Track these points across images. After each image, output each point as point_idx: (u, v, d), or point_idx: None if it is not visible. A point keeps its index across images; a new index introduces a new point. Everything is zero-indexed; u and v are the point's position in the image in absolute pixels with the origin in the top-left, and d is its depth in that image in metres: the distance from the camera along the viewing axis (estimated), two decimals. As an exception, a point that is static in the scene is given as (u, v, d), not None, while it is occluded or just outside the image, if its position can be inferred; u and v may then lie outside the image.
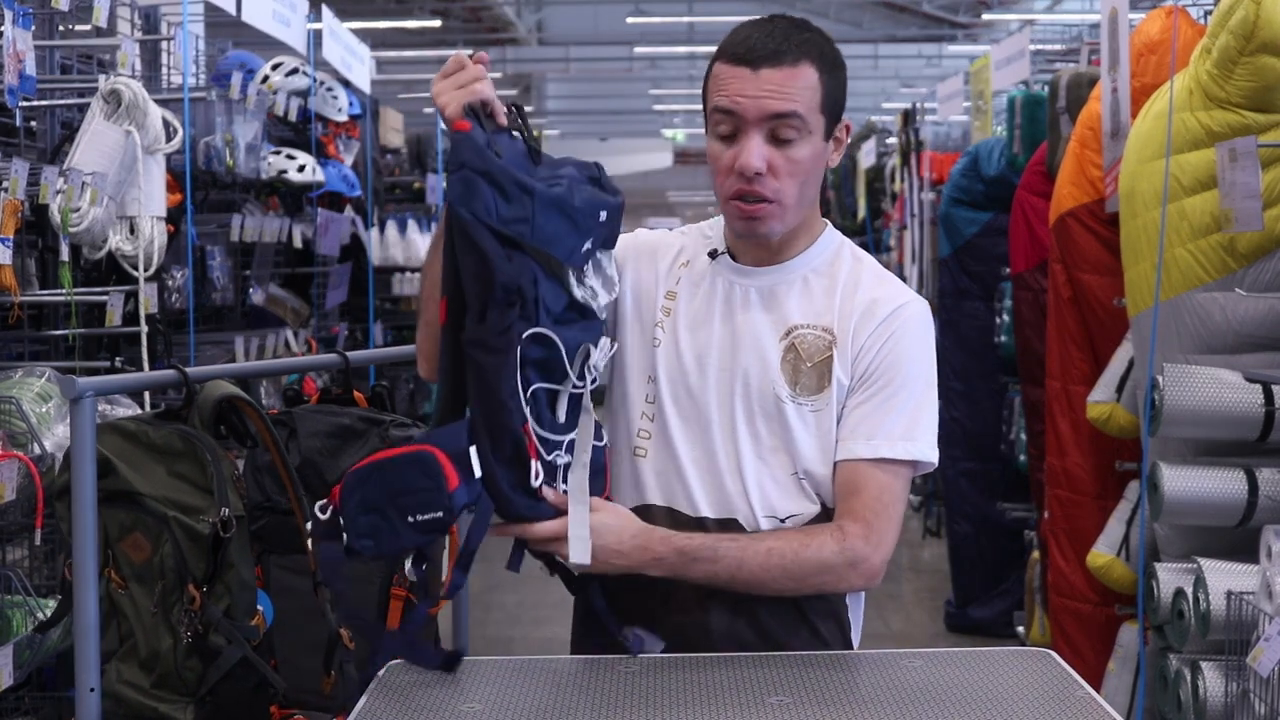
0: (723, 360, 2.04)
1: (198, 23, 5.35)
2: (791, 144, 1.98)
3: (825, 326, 2.02)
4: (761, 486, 2.01)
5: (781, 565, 1.94)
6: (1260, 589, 2.89)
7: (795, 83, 1.97)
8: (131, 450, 2.25)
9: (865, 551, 1.95)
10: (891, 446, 1.98)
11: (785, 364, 2.01)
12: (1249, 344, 3.33)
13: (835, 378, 2.00)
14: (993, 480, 5.98)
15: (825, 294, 2.04)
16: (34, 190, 3.30)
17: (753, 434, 2.01)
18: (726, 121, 1.99)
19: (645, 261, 2.13)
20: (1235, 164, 3.03)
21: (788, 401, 2.00)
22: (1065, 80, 4.64)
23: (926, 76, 20.57)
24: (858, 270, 2.07)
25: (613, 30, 20.50)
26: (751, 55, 1.98)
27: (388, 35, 18.86)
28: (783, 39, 1.99)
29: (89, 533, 2.13)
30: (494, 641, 5.93)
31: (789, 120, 1.97)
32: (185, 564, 2.19)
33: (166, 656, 2.20)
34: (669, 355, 2.06)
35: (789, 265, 2.07)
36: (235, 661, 2.19)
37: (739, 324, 2.05)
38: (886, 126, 10.85)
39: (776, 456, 2.01)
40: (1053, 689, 1.81)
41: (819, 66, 1.99)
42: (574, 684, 1.84)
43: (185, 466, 2.23)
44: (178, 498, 2.21)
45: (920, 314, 2.05)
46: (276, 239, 5.13)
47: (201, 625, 2.18)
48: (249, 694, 2.22)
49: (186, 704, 2.20)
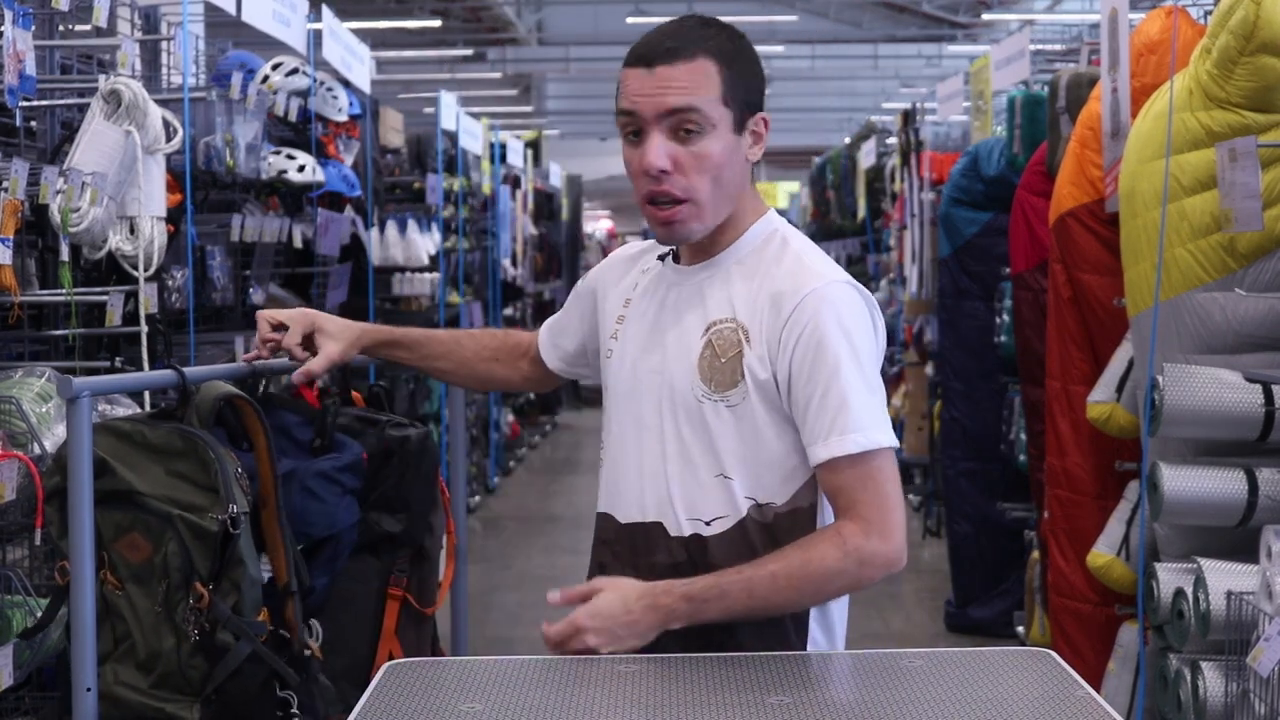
0: (653, 363, 2.05)
1: (198, 23, 5.35)
2: (695, 138, 1.96)
3: (736, 319, 2.00)
4: (685, 488, 2.01)
5: (791, 585, 1.93)
6: (1260, 589, 2.89)
7: (691, 77, 1.96)
8: (127, 450, 2.25)
9: (871, 546, 1.94)
10: (843, 442, 1.94)
11: (702, 361, 2.01)
12: (1249, 344, 3.33)
13: (748, 371, 1.97)
14: (993, 480, 5.98)
15: (743, 285, 2.02)
16: (34, 190, 3.30)
17: (677, 436, 2.01)
18: (630, 123, 1.99)
19: (609, 280, 2.20)
20: (1235, 164, 3.03)
21: (704, 400, 1.99)
22: (1065, 80, 4.64)
23: (926, 76, 20.56)
24: (778, 257, 2.03)
25: (613, 30, 20.47)
26: (649, 55, 1.98)
27: (388, 35, 18.86)
28: (681, 37, 1.99)
29: (85, 534, 2.13)
30: (494, 641, 5.93)
31: (687, 115, 1.96)
32: (191, 562, 2.19)
33: (169, 656, 2.19)
34: (616, 365, 2.11)
35: (718, 260, 2.06)
36: (244, 658, 2.19)
37: (668, 326, 2.05)
38: (886, 126, 10.86)
39: (700, 458, 2.00)
40: (1053, 689, 1.81)
41: (718, 60, 1.98)
42: (574, 684, 1.84)
43: (185, 465, 2.22)
44: (180, 496, 2.20)
45: (827, 296, 1.97)
46: (276, 239, 5.13)
47: (209, 623, 2.17)
48: (256, 690, 2.21)
49: (192, 703, 2.19)
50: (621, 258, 2.24)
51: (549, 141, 20.13)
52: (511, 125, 17.27)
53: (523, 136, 13.66)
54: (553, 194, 15.56)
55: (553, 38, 22.54)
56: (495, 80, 22.88)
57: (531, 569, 7.43)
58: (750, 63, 2.03)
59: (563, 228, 16.38)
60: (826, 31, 21.56)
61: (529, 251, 12.79)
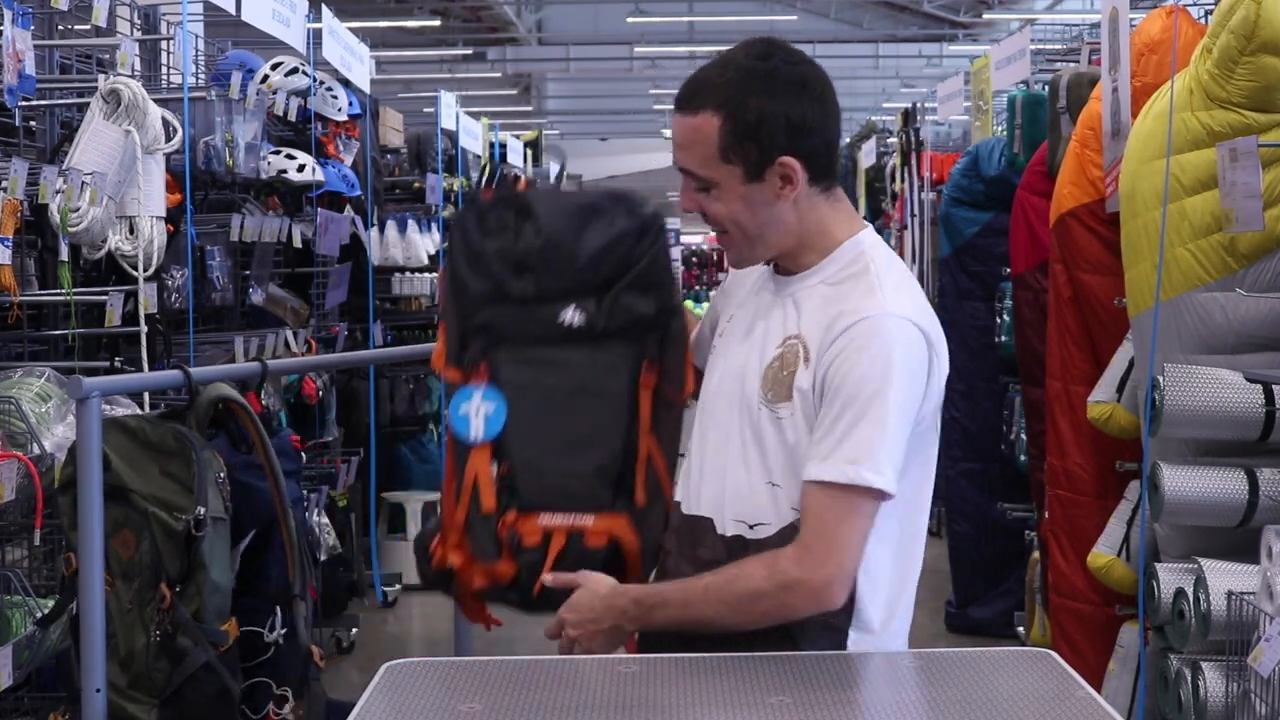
0: (735, 365, 2.07)
1: (197, 22, 5.35)
2: (706, 193, 2.02)
3: (802, 337, 2.01)
4: (737, 490, 2.02)
5: (720, 599, 1.94)
6: (1261, 589, 2.89)
7: (692, 136, 1.99)
8: (130, 447, 2.26)
9: (797, 574, 1.91)
10: (832, 470, 1.91)
11: (769, 370, 2.02)
12: (1250, 344, 3.33)
13: (797, 389, 1.98)
14: (993, 480, 5.97)
15: (819, 305, 2.02)
16: (33, 190, 3.30)
17: (741, 439, 2.03)
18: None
19: (735, 281, 2.22)
20: (1236, 164, 3.02)
21: (762, 408, 2.01)
22: (1065, 80, 4.63)
23: (927, 76, 20.58)
24: (856, 283, 2.01)
25: (613, 30, 20.51)
26: (677, 98, 2.03)
27: (388, 35, 18.86)
28: (699, 83, 2.01)
29: (95, 531, 2.13)
30: (494, 641, 5.91)
31: (689, 176, 2.01)
32: (161, 561, 2.18)
33: (140, 655, 2.19)
34: (712, 362, 2.14)
35: (802, 276, 2.07)
36: (199, 665, 2.17)
37: (756, 332, 2.08)
38: (886, 126, 10.85)
39: (755, 463, 2.02)
40: (1053, 689, 1.80)
41: (722, 113, 1.96)
42: (574, 684, 1.84)
43: (176, 465, 2.23)
44: (163, 495, 2.21)
45: (878, 328, 1.94)
46: (276, 239, 5.13)
47: (170, 625, 2.17)
48: (211, 699, 2.20)
49: (152, 705, 2.19)
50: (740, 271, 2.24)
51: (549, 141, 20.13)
52: (511, 125, 17.28)
53: (522, 136, 13.66)
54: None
55: (553, 37, 22.55)
56: (495, 80, 22.89)
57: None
58: (773, 104, 1.97)
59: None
60: (827, 31, 21.57)
61: (529, 251, 12.75)
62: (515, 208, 2.12)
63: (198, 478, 2.19)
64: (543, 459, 2.08)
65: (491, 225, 2.10)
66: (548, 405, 2.09)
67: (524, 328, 2.10)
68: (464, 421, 2.07)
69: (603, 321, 2.09)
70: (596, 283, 2.10)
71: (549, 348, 2.09)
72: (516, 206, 2.12)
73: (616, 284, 2.10)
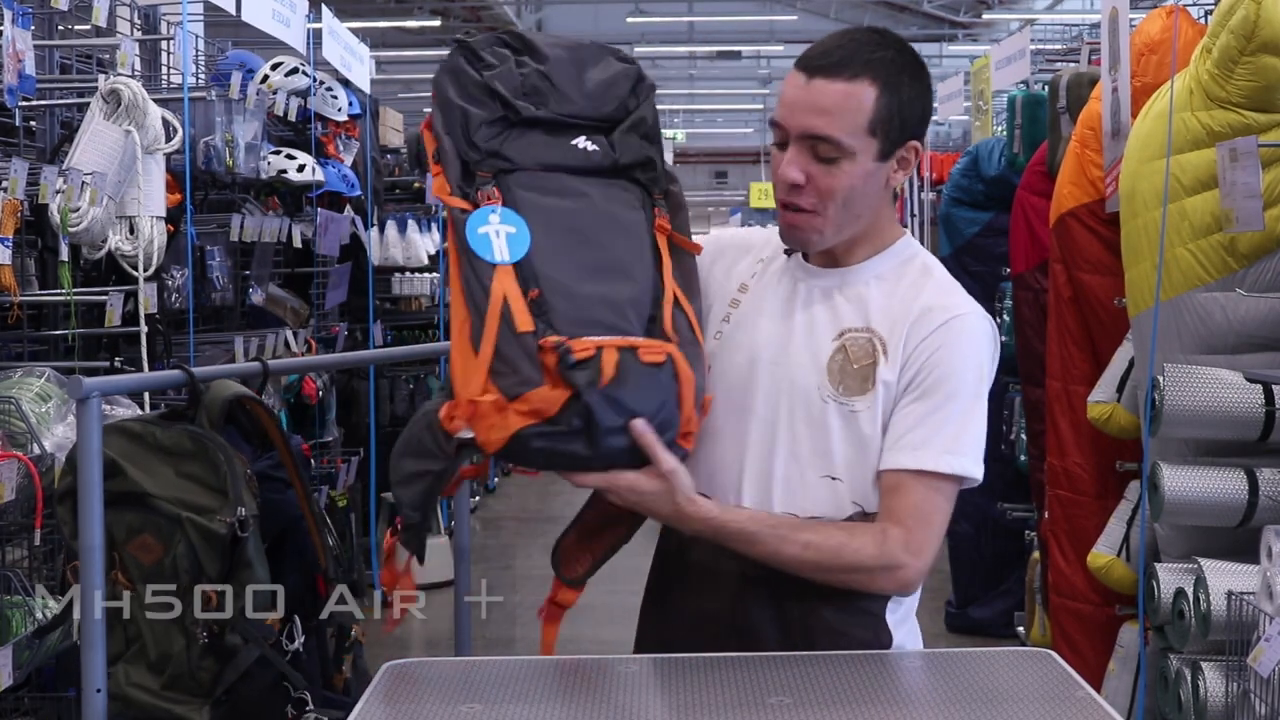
0: (775, 356, 2.03)
1: (197, 22, 5.35)
2: (832, 163, 1.95)
3: (874, 331, 2.00)
4: (788, 484, 1.99)
5: (817, 561, 1.93)
6: (1260, 589, 2.89)
7: (842, 102, 1.93)
8: (138, 451, 2.25)
9: (903, 558, 1.94)
10: (936, 459, 1.95)
11: (833, 364, 2.00)
12: (1249, 344, 3.33)
13: (880, 382, 1.98)
14: (993, 480, 5.94)
15: (883, 300, 2.02)
16: (33, 190, 3.30)
17: (791, 432, 1.99)
18: (777, 131, 1.99)
19: (723, 260, 2.13)
20: (1236, 164, 3.03)
21: (829, 401, 1.98)
22: (1065, 80, 4.64)
23: (926, 76, 20.56)
24: (923, 281, 2.03)
25: (613, 30, 20.51)
26: (812, 63, 1.95)
27: (388, 35, 18.88)
28: (850, 50, 1.95)
29: (95, 534, 2.13)
30: (494, 641, 5.92)
31: (825, 142, 1.94)
32: (199, 564, 2.19)
33: (179, 657, 2.20)
34: (727, 348, 2.06)
35: (855, 269, 2.05)
36: (252, 660, 2.18)
37: (797, 322, 2.04)
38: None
39: (810, 458, 1.99)
40: (1053, 689, 1.80)
41: (881, 86, 1.95)
42: (574, 684, 1.84)
43: (195, 467, 2.23)
44: (189, 498, 2.21)
45: (977, 326, 2.00)
46: (276, 239, 5.13)
47: (217, 625, 2.17)
48: (266, 693, 2.21)
49: (202, 704, 2.19)
50: (736, 242, 2.17)
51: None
52: (511, 125, 17.21)
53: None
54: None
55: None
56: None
57: (531, 569, 7.42)
58: (918, 89, 1.99)
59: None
60: (827, 31, 21.54)
61: (529, 251, 12.78)
62: (510, 45, 2.01)
63: (230, 478, 2.19)
64: (576, 284, 1.87)
65: (489, 60, 1.98)
66: (573, 233, 1.92)
67: (540, 154, 1.96)
68: (484, 242, 1.85)
69: (616, 154, 1.99)
70: (601, 117, 2.00)
71: (567, 177, 1.96)
72: (511, 43, 2.01)
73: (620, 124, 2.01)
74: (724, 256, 2.14)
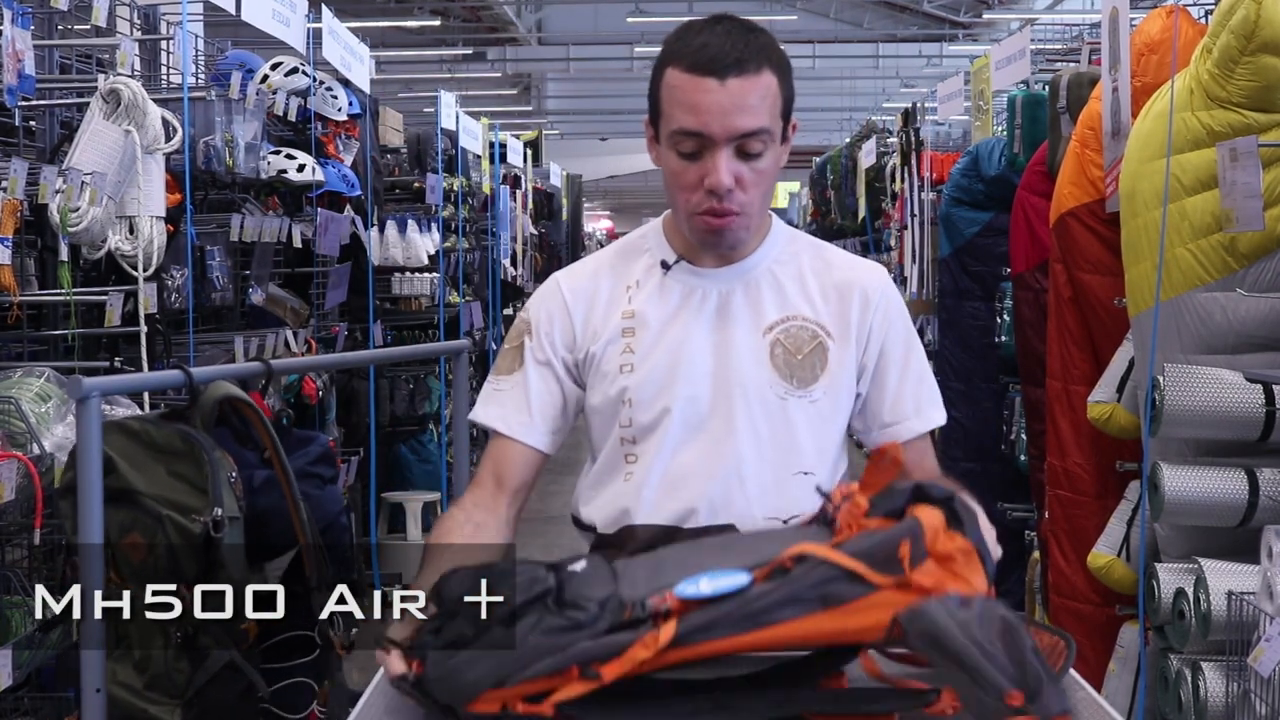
0: (713, 366, 1.99)
1: (197, 22, 5.35)
2: (758, 157, 1.94)
3: (806, 316, 2.01)
4: (763, 488, 1.97)
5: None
6: (1261, 589, 2.89)
7: (761, 94, 1.92)
8: (134, 449, 2.25)
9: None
10: (937, 415, 2.07)
11: (775, 360, 1.99)
12: (1250, 344, 3.33)
13: (833, 364, 2.00)
14: (993, 480, 5.96)
15: (797, 284, 2.03)
16: (33, 190, 3.30)
17: (754, 435, 1.97)
18: (690, 141, 1.93)
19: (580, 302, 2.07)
20: (1236, 163, 3.03)
21: (788, 398, 1.98)
22: (1066, 80, 4.63)
23: (927, 76, 20.58)
24: (820, 255, 2.09)
25: (613, 30, 20.52)
26: (715, 65, 1.90)
27: (388, 35, 18.87)
28: (743, 45, 1.92)
29: (95, 532, 2.13)
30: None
31: (758, 136, 1.92)
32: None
33: (158, 657, 2.20)
34: (645, 374, 2.01)
35: (750, 262, 2.05)
36: (223, 664, 2.18)
37: (716, 328, 2.01)
38: (886, 126, 10.85)
39: (779, 456, 1.98)
40: (1053, 690, 1.80)
41: (776, 71, 1.95)
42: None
43: (185, 466, 2.23)
44: (174, 497, 2.21)
45: (888, 280, 2.10)
46: (276, 239, 5.13)
47: (191, 627, 2.17)
48: (236, 699, 2.21)
49: (174, 706, 2.19)
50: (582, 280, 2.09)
51: (549, 141, 20.13)
52: (511, 125, 17.28)
53: (522, 136, 13.66)
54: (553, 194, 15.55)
55: (552, 37, 22.56)
56: (495, 80, 22.89)
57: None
58: (790, 68, 2.01)
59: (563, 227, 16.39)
60: (827, 31, 21.58)
61: (529, 251, 12.79)
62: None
63: (211, 478, 2.19)
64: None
65: None
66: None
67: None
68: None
69: None
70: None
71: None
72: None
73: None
74: (579, 299, 2.07)
